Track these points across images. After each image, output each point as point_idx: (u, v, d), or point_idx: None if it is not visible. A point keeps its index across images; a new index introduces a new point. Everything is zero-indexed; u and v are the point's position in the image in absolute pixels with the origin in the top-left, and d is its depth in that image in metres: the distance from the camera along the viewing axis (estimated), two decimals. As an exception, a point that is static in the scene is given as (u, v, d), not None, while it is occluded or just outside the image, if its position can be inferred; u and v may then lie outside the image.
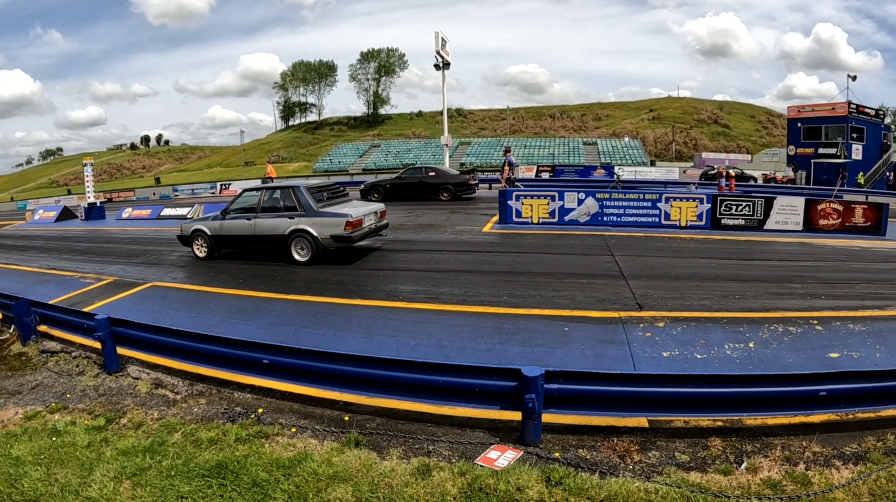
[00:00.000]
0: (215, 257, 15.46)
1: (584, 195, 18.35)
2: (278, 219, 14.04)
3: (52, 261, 17.54)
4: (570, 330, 8.65)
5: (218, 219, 15.22)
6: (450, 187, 27.50)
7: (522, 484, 4.92)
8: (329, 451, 5.77)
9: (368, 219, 14.19)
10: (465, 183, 28.12)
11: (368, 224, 14.17)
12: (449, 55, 38.89)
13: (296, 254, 13.95)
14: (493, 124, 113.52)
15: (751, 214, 17.11)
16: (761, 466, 5.13)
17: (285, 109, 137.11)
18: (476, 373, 5.95)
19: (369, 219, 14.27)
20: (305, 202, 13.78)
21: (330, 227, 13.46)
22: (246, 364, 7.32)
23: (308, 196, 13.87)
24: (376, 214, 14.82)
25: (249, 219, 14.48)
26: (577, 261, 13.41)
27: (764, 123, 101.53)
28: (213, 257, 15.41)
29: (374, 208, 14.95)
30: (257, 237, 14.44)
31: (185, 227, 15.91)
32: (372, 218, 14.46)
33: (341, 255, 14.45)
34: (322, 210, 13.75)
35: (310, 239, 13.65)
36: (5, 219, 40.09)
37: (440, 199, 27.19)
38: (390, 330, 9.21)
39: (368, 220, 14.17)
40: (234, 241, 15.09)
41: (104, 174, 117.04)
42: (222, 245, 15.36)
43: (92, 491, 5.37)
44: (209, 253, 15.36)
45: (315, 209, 13.70)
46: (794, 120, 49.33)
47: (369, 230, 14.27)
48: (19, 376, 9.07)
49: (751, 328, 8.37)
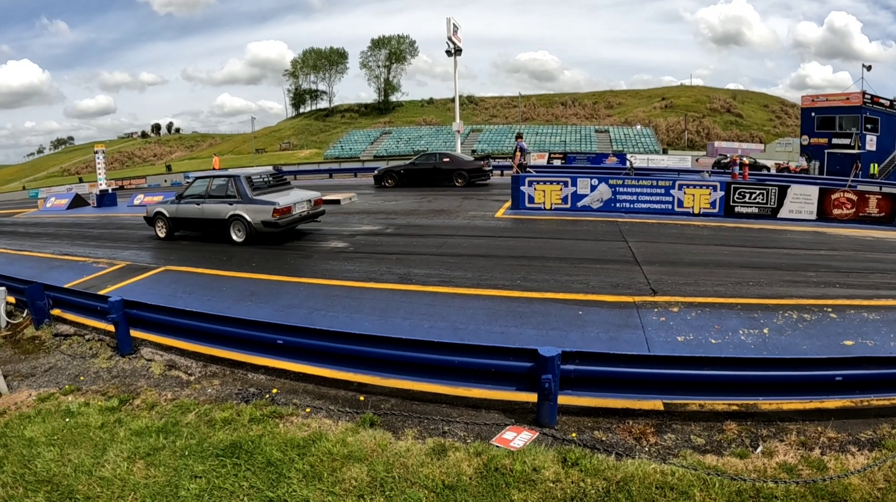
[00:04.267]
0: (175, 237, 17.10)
1: (597, 181, 18.29)
2: (221, 205, 15.61)
3: (65, 247, 17.62)
4: (584, 313, 8.66)
5: (175, 203, 16.92)
6: (464, 173, 27.50)
7: (538, 465, 4.93)
8: (344, 431, 5.79)
9: (300, 206, 15.66)
10: (479, 169, 28.07)
11: (299, 211, 15.65)
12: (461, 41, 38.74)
13: (234, 235, 15.47)
14: (504, 111, 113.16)
15: (764, 202, 17.02)
16: (777, 450, 5.12)
17: (296, 97, 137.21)
18: (492, 354, 5.94)
19: (301, 206, 15.70)
20: (242, 190, 15.34)
21: (261, 213, 14.93)
22: (260, 345, 7.34)
23: (245, 185, 15.44)
24: (310, 202, 16.25)
25: (199, 204, 16.14)
26: (591, 247, 13.36)
27: (777, 113, 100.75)
28: (172, 237, 17.07)
29: (307, 197, 16.35)
30: (204, 220, 16.15)
31: (150, 210, 17.78)
32: (304, 205, 15.91)
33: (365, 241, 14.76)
34: (255, 198, 15.23)
35: (245, 222, 15.17)
36: (18, 208, 40.22)
37: (454, 185, 27.28)
38: (404, 312, 9.23)
39: (300, 208, 15.65)
40: (186, 223, 16.76)
41: (115, 162, 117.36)
42: (178, 226, 17.01)
43: (105, 471, 5.41)
44: (168, 233, 17.11)
45: (250, 197, 15.23)
46: (808, 109, 48.83)
47: (300, 217, 15.74)
48: (33, 359, 9.12)
49: (765, 314, 8.35)
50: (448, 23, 36.88)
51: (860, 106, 44.91)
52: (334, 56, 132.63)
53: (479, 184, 27.71)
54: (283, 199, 15.29)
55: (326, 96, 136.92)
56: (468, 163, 28.66)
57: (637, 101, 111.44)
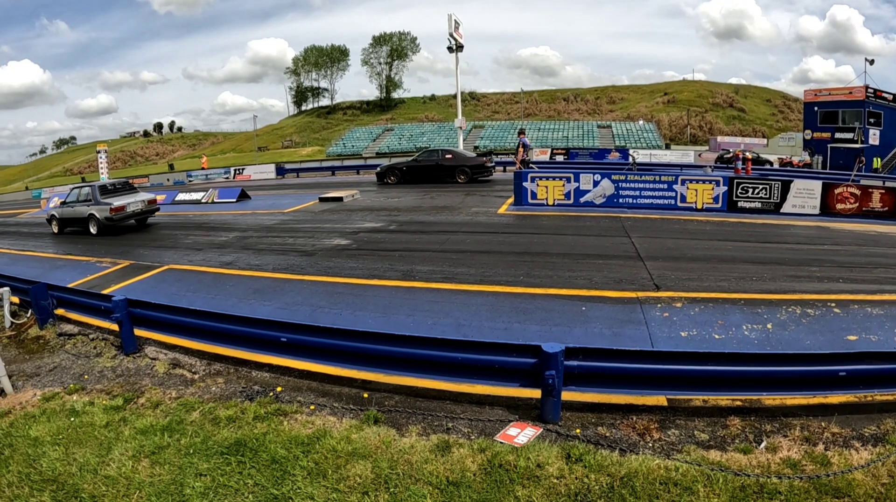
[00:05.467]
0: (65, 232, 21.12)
1: (600, 177, 18.25)
2: (84, 207, 20.19)
3: (68, 247, 17.72)
4: (587, 309, 8.66)
5: (60, 207, 21.80)
6: (466, 169, 27.42)
7: (542, 461, 4.95)
8: (348, 428, 5.82)
9: (134, 205, 20.07)
10: (481, 165, 28.00)
11: (133, 209, 20.03)
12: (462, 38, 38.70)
13: (92, 228, 19.92)
14: (506, 107, 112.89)
15: (767, 197, 16.99)
16: (781, 446, 5.14)
17: (298, 94, 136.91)
18: (495, 350, 5.95)
19: (135, 205, 20.13)
20: (94, 195, 20.01)
21: (104, 212, 19.38)
22: (264, 342, 7.37)
23: (97, 191, 20.18)
24: (144, 202, 20.67)
25: (73, 207, 20.75)
26: (594, 243, 13.36)
27: (780, 107, 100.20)
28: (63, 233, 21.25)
29: (143, 198, 20.93)
30: (76, 219, 20.66)
31: (48, 212, 22.94)
32: (139, 205, 20.34)
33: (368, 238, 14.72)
34: (102, 200, 19.71)
35: (96, 219, 19.67)
36: (21, 208, 40.40)
37: (456, 182, 27.23)
38: (408, 309, 9.24)
39: (133, 207, 20.05)
40: (69, 222, 21.13)
41: (118, 161, 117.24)
42: (65, 224, 21.40)
43: (110, 470, 5.44)
44: (60, 229, 21.53)
45: (98, 200, 19.74)
46: (811, 104, 48.61)
47: (133, 213, 20.11)
48: (37, 359, 9.16)
49: (768, 310, 8.35)
50: (450, 19, 36.85)
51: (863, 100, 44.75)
52: (336, 53, 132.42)
53: (482, 181, 27.61)
54: (119, 201, 19.80)
55: (328, 94, 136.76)
56: (471, 159, 28.64)
57: (639, 96, 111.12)
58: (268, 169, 50.46)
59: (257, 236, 16.92)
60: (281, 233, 17.19)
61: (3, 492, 5.40)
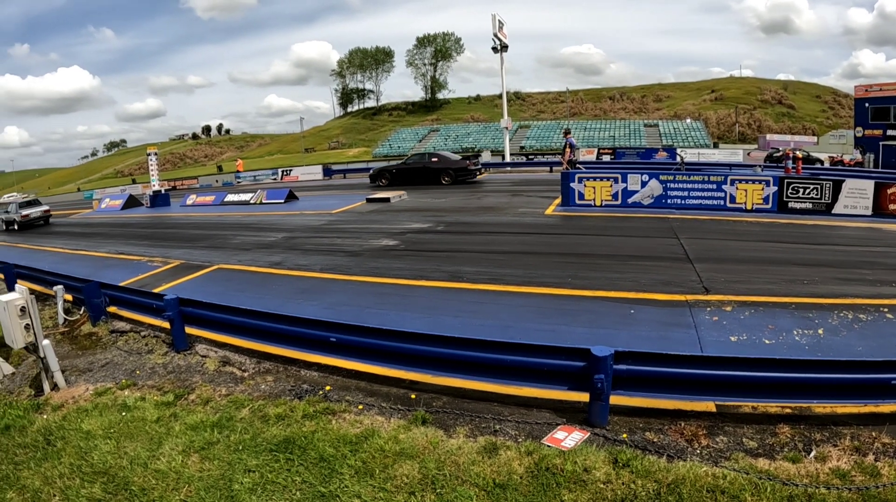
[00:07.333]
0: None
1: (648, 177, 18.07)
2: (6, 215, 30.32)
3: (120, 247, 18.19)
4: (635, 312, 8.59)
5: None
6: (451, 172, 29.85)
7: (589, 465, 4.94)
8: (396, 428, 5.87)
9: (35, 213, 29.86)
10: (464, 168, 30.35)
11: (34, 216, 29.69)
12: (506, 38, 38.67)
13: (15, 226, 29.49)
14: (551, 107, 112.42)
15: (818, 198, 16.59)
16: (830, 455, 5.02)
17: (343, 96, 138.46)
18: (544, 353, 5.93)
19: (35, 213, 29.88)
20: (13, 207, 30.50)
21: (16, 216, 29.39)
22: (313, 342, 7.46)
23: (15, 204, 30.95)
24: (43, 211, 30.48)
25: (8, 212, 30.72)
26: (641, 244, 13.22)
27: (830, 104, 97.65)
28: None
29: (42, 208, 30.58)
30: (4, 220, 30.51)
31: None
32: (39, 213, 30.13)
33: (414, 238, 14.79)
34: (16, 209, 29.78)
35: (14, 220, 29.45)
36: (73, 208, 41.40)
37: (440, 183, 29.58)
38: (453, 310, 9.29)
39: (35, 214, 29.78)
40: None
41: (167, 163, 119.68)
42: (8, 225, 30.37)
43: (160, 464, 5.59)
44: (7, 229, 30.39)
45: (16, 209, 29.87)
46: (862, 100, 47.22)
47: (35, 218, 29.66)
48: (90, 354, 9.43)
49: (819, 314, 8.16)
50: (493, 19, 36.89)
51: (915, 95, 43.45)
52: (380, 55, 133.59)
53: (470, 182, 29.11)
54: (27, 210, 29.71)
55: (374, 95, 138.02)
56: (455, 162, 30.85)
57: (685, 93, 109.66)
58: (315, 170, 50.83)
59: (304, 237, 17.15)
60: (328, 233, 17.40)
61: (54, 483, 5.57)
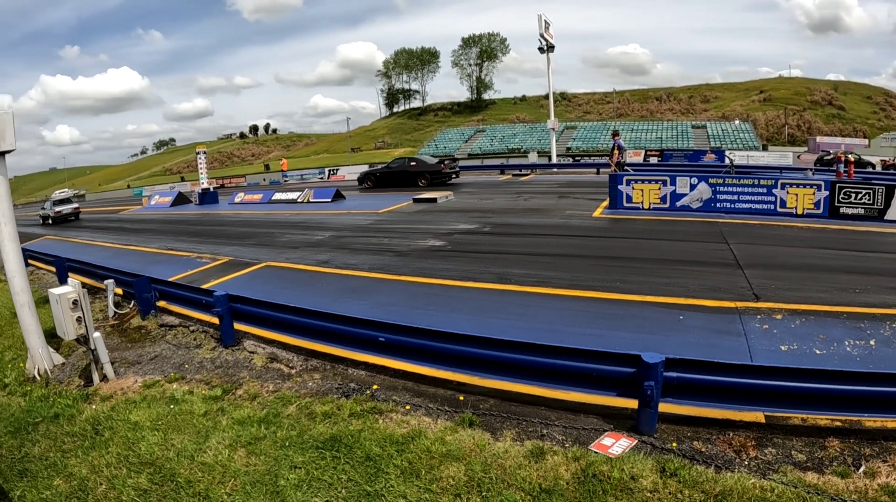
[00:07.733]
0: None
1: (697, 180, 17.77)
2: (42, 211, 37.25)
3: (169, 243, 18.61)
4: (683, 318, 8.47)
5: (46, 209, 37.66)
6: (427, 174, 32.07)
7: (637, 473, 4.90)
8: (443, 430, 5.89)
9: (66, 210, 35.43)
10: (439, 171, 32.33)
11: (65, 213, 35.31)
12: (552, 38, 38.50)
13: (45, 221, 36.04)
14: (598, 108, 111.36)
15: (871, 203, 16.11)
16: (880, 471, 4.89)
17: (389, 96, 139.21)
18: (594, 358, 5.88)
19: (67, 210, 35.49)
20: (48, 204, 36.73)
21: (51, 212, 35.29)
22: (362, 341, 7.51)
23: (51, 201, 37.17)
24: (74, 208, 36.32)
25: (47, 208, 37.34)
26: (690, 248, 13.02)
27: (882, 105, 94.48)
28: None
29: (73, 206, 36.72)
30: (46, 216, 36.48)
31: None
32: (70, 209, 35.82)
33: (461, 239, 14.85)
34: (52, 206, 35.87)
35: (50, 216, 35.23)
36: (123, 205, 42.43)
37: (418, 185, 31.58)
38: (501, 312, 9.26)
39: (66, 211, 35.35)
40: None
41: (215, 162, 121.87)
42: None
43: (207, 457, 5.71)
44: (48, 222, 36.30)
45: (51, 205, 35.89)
46: (919, 102, 46.17)
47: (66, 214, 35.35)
48: (139, 347, 9.68)
49: (872, 324, 7.91)
50: (539, 20, 36.78)
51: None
52: (426, 55, 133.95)
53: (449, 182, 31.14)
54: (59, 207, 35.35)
55: (419, 95, 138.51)
56: (430, 165, 32.87)
57: (734, 94, 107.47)
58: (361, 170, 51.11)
59: (352, 236, 17.30)
60: (375, 233, 17.53)
61: (101, 472, 5.72)
